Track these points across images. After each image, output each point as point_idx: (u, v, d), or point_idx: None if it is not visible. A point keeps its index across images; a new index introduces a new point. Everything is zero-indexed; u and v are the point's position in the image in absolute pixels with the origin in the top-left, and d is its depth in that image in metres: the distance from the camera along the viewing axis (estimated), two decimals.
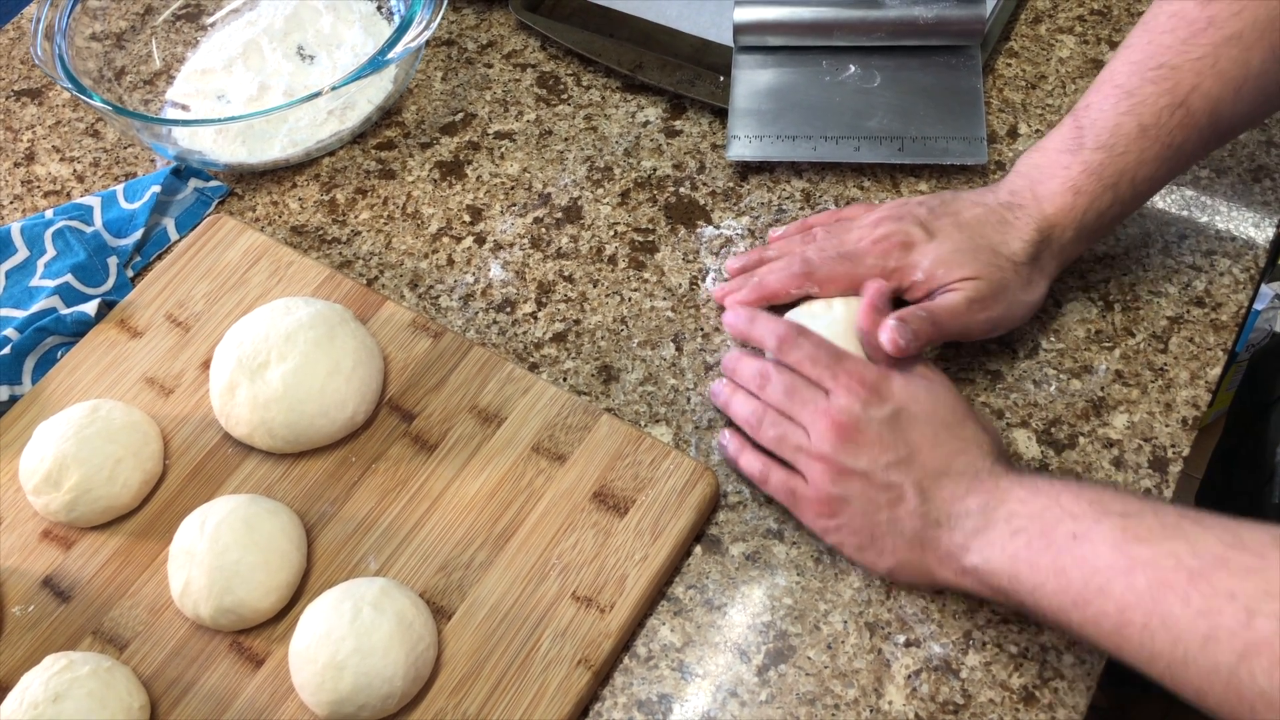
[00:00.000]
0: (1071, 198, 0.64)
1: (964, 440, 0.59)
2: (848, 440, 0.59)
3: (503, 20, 0.91)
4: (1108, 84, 0.65)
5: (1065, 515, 0.53)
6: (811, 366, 0.62)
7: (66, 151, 0.87)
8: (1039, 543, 0.53)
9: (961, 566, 0.56)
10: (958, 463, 0.58)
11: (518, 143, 0.83)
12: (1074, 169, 0.64)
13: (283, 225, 0.81)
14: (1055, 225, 0.65)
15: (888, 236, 0.66)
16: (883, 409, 0.60)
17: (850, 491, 0.59)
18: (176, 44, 0.91)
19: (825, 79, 0.81)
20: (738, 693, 0.60)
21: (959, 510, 0.57)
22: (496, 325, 0.74)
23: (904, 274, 0.65)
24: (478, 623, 0.61)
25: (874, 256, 0.66)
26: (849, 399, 0.60)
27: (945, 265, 0.64)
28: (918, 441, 0.59)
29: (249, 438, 0.67)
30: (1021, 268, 0.64)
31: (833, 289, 0.67)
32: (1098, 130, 0.64)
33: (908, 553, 0.58)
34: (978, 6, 0.79)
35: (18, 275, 0.79)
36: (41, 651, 0.62)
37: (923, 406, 0.60)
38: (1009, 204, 0.66)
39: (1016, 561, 0.54)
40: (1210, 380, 0.68)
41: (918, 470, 0.58)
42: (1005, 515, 0.55)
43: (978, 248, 0.64)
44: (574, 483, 0.65)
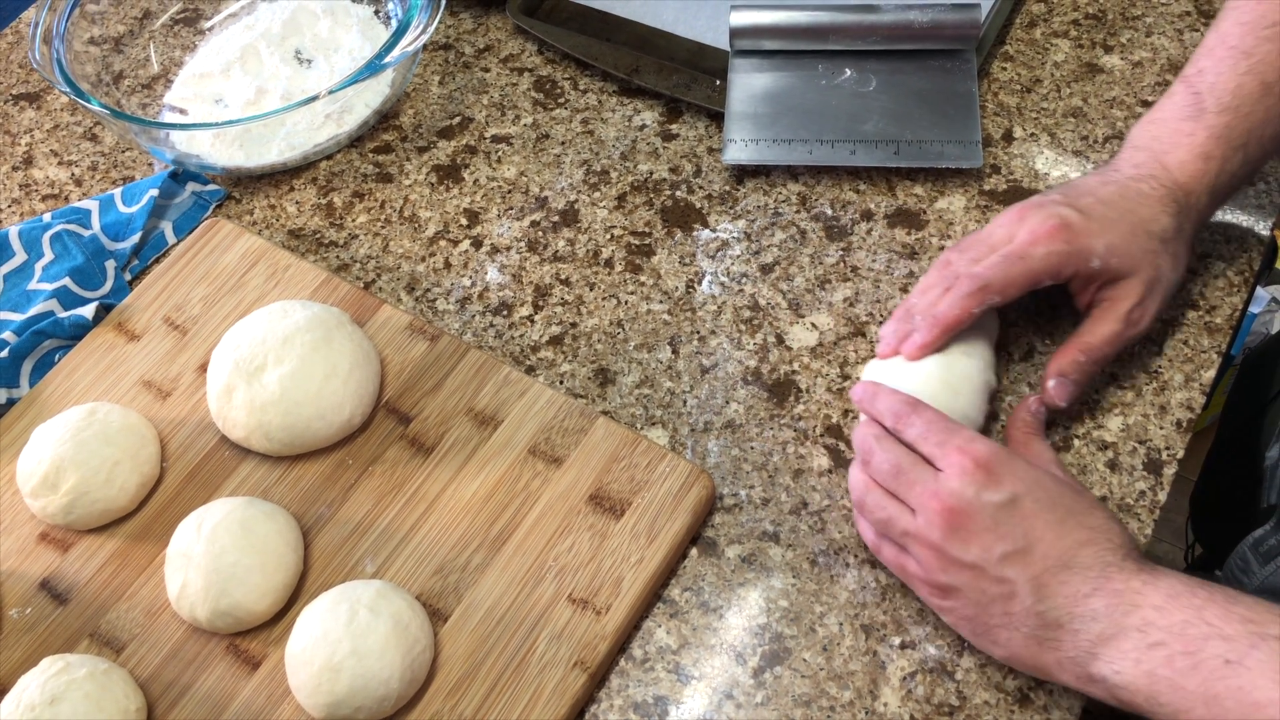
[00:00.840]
0: (1203, 164, 0.63)
1: (1091, 530, 0.54)
2: (957, 528, 0.54)
3: (500, 24, 0.91)
4: (1219, 47, 0.64)
5: (1214, 634, 0.49)
6: (923, 443, 0.57)
7: (64, 155, 0.87)
8: (1183, 662, 0.49)
9: (1087, 674, 0.52)
10: (1083, 555, 0.53)
11: (515, 146, 0.84)
12: (1199, 135, 0.63)
13: (280, 229, 0.81)
14: (1190, 193, 0.63)
15: (1044, 222, 0.62)
16: (999, 493, 0.54)
17: (960, 582, 0.55)
18: (174, 48, 0.91)
19: (821, 83, 0.81)
20: (733, 695, 0.60)
21: (1083, 611, 0.52)
22: (493, 328, 0.74)
23: (1082, 258, 0.61)
24: (474, 625, 0.61)
25: (1043, 244, 0.61)
26: (960, 481, 0.55)
27: (1117, 255, 0.61)
28: (1039, 530, 0.54)
29: (246, 440, 0.67)
30: (1170, 244, 0.62)
31: (1014, 292, 0.62)
32: (1218, 93, 0.62)
33: (1023, 649, 0.54)
34: (973, 11, 0.80)
35: (15, 279, 0.79)
36: (38, 654, 0.62)
37: (1046, 491, 0.55)
38: (1138, 176, 0.64)
39: (1155, 680, 0.49)
40: (1205, 383, 0.68)
41: (1036, 564, 0.53)
42: (1138, 624, 0.51)
43: (1134, 229, 0.62)
44: (570, 485, 0.65)
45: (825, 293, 0.74)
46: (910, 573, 0.58)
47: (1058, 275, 0.62)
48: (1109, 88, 0.81)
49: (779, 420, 0.69)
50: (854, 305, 0.73)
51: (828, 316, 0.73)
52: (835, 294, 0.74)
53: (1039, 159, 0.78)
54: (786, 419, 0.69)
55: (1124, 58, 0.83)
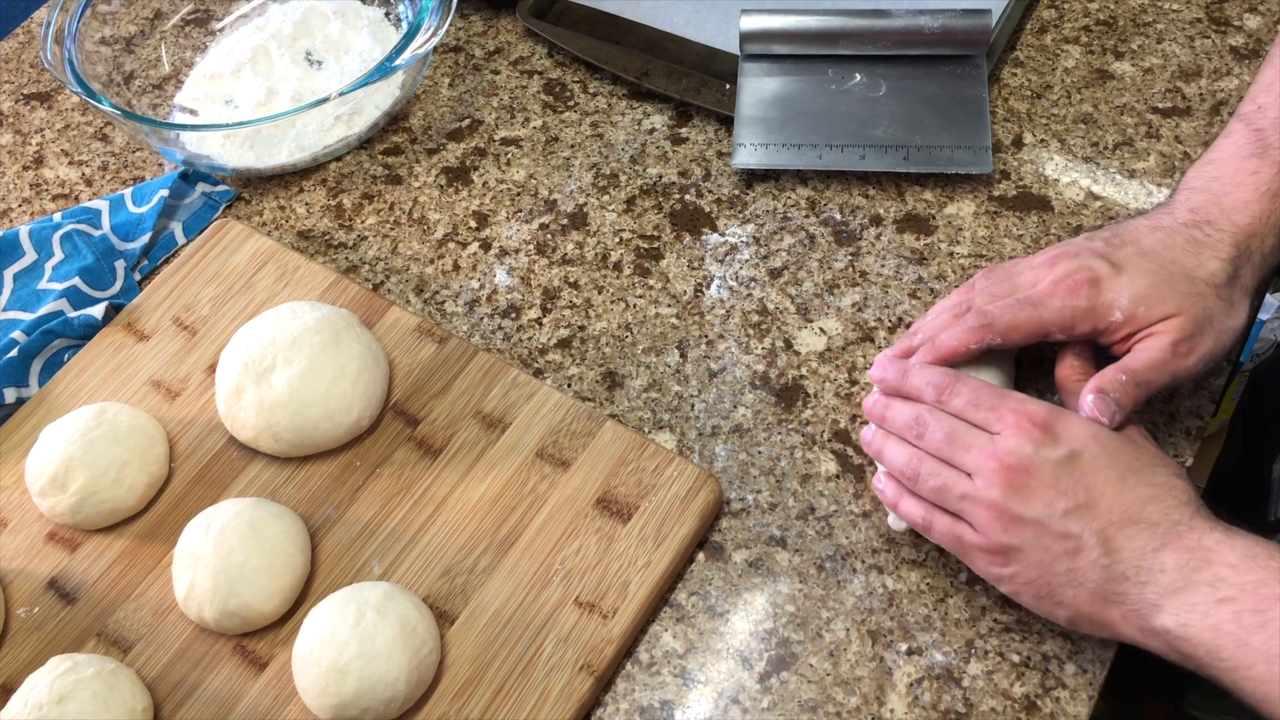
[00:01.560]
0: (1269, 203, 0.60)
1: (1156, 486, 0.54)
2: (1018, 485, 0.54)
3: (510, 27, 0.91)
4: (1278, 84, 0.62)
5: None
6: (975, 410, 0.57)
7: (75, 155, 0.88)
8: (1251, 619, 0.48)
9: (1150, 626, 0.52)
10: (1150, 511, 0.53)
11: (524, 149, 0.84)
12: (1264, 173, 0.60)
13: (289, 230, 0.81)
14: (1253, 236, 0.60)
15: (1070, 274, 0.60)
16: (1057, 449, 0.54)
17: (1022, 540, 0.54)
18: (185, 49, 0.91)
19: (831, 87, 0.81)
20: (740, 700, 0.60)
21: (1151, 565, 0.52)
22: (501, 331, 0.74)
23: (1099, 315, 0.59)
24: (481, 627, 0.61)
25: (1060, 298, 0.60)
26: (1018, 439, 0.55)
27: (1145, 303, 0.58)
28: (1100, 486, 0.53)
29: (254, 441, 0.67)
30: (1222, 290, 0.59)
31: (1016, 337, 0.61)
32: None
33: (1089, 605, 0.54)
34: (983, 17, 0.80)
35: (26, 278, 0.79)
36: (46, 653, 0.62)
37: (1106, 448, 0.55)
38: (1193, 223, 0.61)
39: (1219, 634, 0.49)
40: (1214, 390, 0.68)
41: (1101, 518, 0.53)
42: (1210, 579, 0.50)
43: (1173, 277, 0.59)
44: (577, 489, 0.65)
45: (834, 298, 0.74)
46: (968, 542, 0.57)
47: (1070, 330, 0.60)
48: (1120, 94, 0.81)
49: (787, 425, 0.69)
50: (862, 310, 0.73)
51: (836, 321, 0.73)
52: (844, 299, 0.73)
53: (1049, 165, 0.78)
54: (794, 424, 0.69)
55: (1135, 64, 0.83)
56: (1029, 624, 0.61)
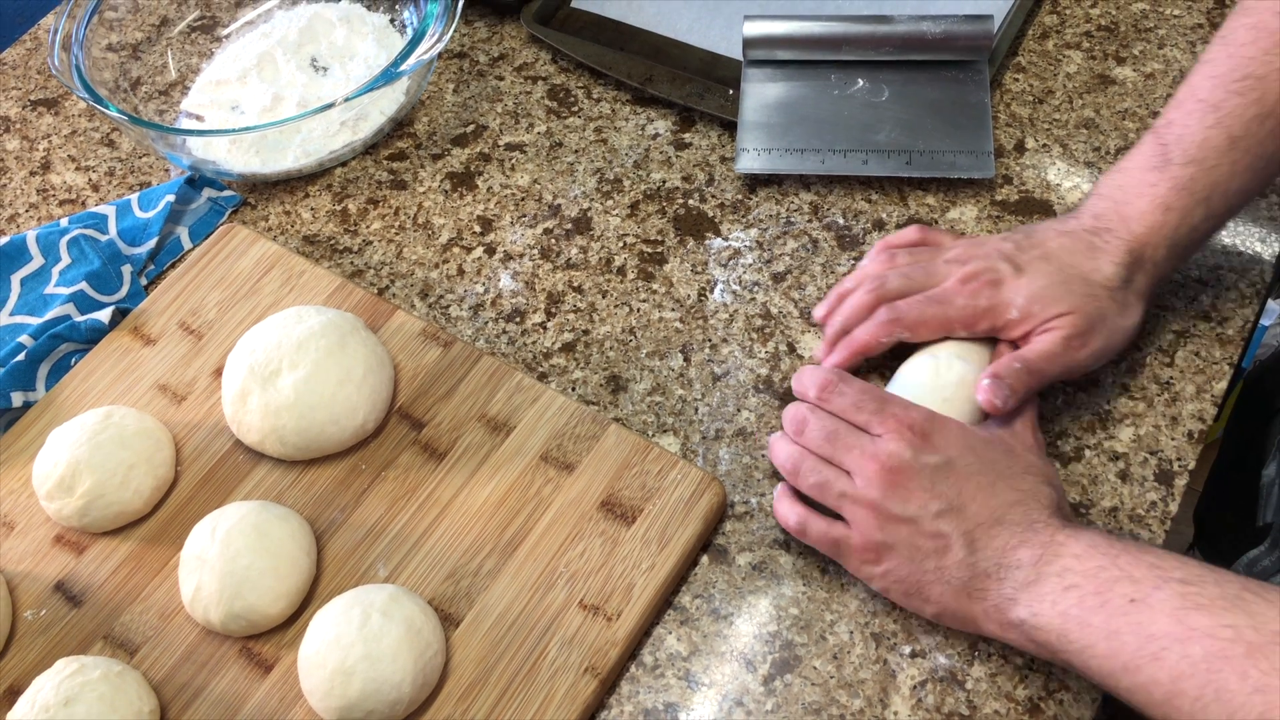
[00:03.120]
0: (1162, 215, 0.63)
1: (1021, 492, 0.57)
2: (896, 486, 0.57)
3: (514, 33, 0.92)
4: (1189, 100, 0.64)
5: (1123, 577, 0.52)
6: (856, 412, 0.60)
7: (82, 161, 0.88)
8: (1092, 601, 0.52)
9: (1008, 619, 0.55)
10: (1012, 514, 0.56)
11: (528, 154, 0.84)
12: (1162, 186, 0.63)
13: (295, 235, 0.82)
14: (1146, 244, 0.63)
15: (975, 275, 0.64)
16: (934, 455, 0.58)
17: (896, 538, 0.57)
18: (191, 55, 0.92)
19: (834, 93, 0.82)
20: (744, 702, 0.60)
21: (1009, 561, 0.55)
22: (506, 335, 0.75)
23: (997, 313, 0.64)
24: (485, 630, 0.61)
25: (964, 297, 0.64)
26: (898, 444, 0.58)
27: (1040, 301, 0.62)
28: (970, 491, 0.57)
29: (260, 445, 0.67)
30: (1116, 293, 0.63)
31: (924, 332, 0.65)
32: (1185, 145, 0.63)
33: (953, 601, 0.57)
34: (986, 22, 0.80)
35: (33, 282, 0.79)
36: (53, 656, 0.62)
37: (979, 456, 0.58)
38: (1094, 229, 0.64)
39: (1067, 619, 0.52)
40: (1216, 394, 0.68)
41: (969, 520, 0.56)
42: (1058, 570, 0.54)
43: (1069, 279, 0.63)
44: (582, 492, 0.65)
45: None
46: (841, 543, 0.60)
47: (972, 327, 0.64)
48: (1121, 99, 0.82)
49: None
50: None
51: None
52: None
53: (1051, 170, 0.78)
54: None
55: (1136, 69, 0.83)
56: None
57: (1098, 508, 0.64)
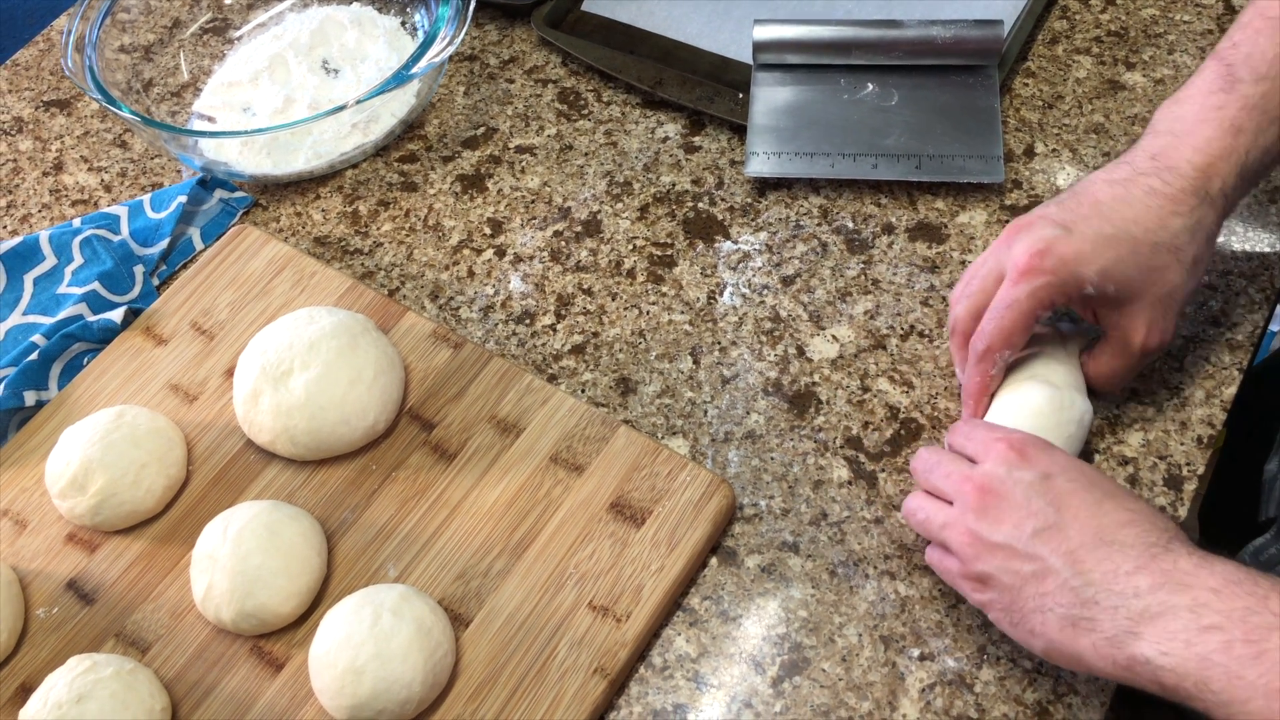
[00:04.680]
0: (1232, 139, 0.58)
1: (1133, 512, 0.51)
2: (989, 508, 0.53)
3: (525, 36, 0.92)
4: (1257, 19, 0.61)
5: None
6: (964, 443, 0.58)
7: (94, 161, 0.89)
8: (1243, 650, 0.45)
9: (1128, 655, 0.48)
10: (1124, 534, 0.50)
11: (538, 157, 0.84)
12: (1230, 108, 0.58)
13: (306, 236, 0.82)
14: (1214, 176, 0.58)
15: (1026, 251, 0.59)
16: (1030, 471, 0.53)
17: (994, 566, 0.53)
18: (204, 57, 0.92)
19: (843, 97, 0.82)
20: (752, 704, 0.60)
21: (1124, 588, 0.49)
22: (516, 337, 0.75)
23: (1070, 287, 0.59)
24: (495, 630, 0.62)
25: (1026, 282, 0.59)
26: (994, 464, 0.55)
27: (1114, 281, 0.58)
28: (1074, 507, 0.52)
29: (271, 445, 0.68)
30: (1183, 250, 0.58)
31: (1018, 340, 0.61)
32: (1254, 64, 0.59)
33: (1058, 633, 0.51)
34: (995, 27, 0.80)
35: (46, 282, 0.80)
36: (65, 653, 0.63)
37: (1083, 474, 0.53)
38: (1153, 170, 0.59)
39: (1209, 665, 0.46)
40: (1225, 400, 0.68)
41: (1071, 539, 0.51)
42: (1190, 604, 0.47)
43: (1135, 247, 0.58)
44: (591, 493, 0.65)
45: (846, 305, 0.74)
46: (950, 570, 0.57)
47: (1052, 305, 0.60)
48: (1131, 104, 0.82)
49: (799, 431, 0.69)
50: (875, 318, 0.73)
51: (848, 329, 0.73)
52: (856, 307, 0.74)
53: (1060, 174, 0.79)
54: (807, 430, 0.69)
55: (1146, 75, 0.83)
56: None
57: None
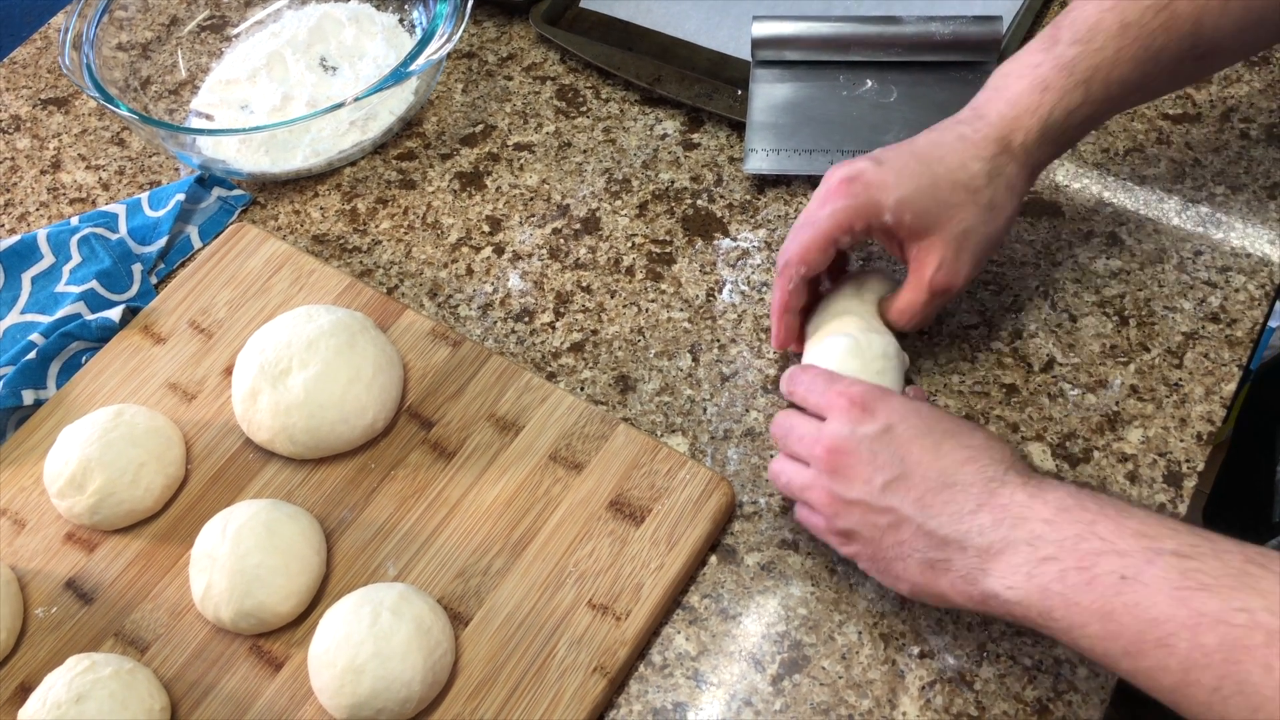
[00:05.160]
0: (1039, 95, 0.61)
1: (971, 449, 0.54)
2: (840, 467, 0.56)
3: (523, 33, 0.92)
4: None
5: (1108, 549, 0.48)
6: (809, 397, 0.60)
7: (92, 160, 0.89)
8: (1076, 578, 0.48)
9: (981, 591, 0.52)
10: (963, 473, 0.53)
11: (537, 154, 0.84)
12: (1044, 66, 0.61)
13: (304, 234, 0.82)
14: (1016, 128, 0.62)
15: (832, 177, 0.63)
16: (873, 425, 0.56)
17: (853, 522, 0.56)
18: (201, 54, 0.92)
19: (842, 93, 0.82)
20: (752, 702, 0.60)
21: (969, 527, 0.52)
22: (515, 335, 0.75)
23: (870, 212, 0.62)
24: (494, 629, 0.62)
25: (830, 204, 0.62)
26: (838, 422, 0.57)
27: (911, 210, 0.61)
28: (916, 455, 0.54)
29: (270, 443, 0.68)
30: (980, 192, 0.61)
31: (815, 258, 0.63)
32: (1076, 27, 0.62)
33: (920, 576, 0.54)
34: (994, 23, 0.80)
35: (43, 281, 0.80)
36: (64, 653, 0.63)
37: (923, 418, 0.56)
38: (967, 118, 0.63)
39: (1048, 595, 0.49)
40: (1225, 396, 0.68)
41: (917, 487, 0.54)
42: (1027, 537, 0.50)
43: (935, 182, 0.61)
44: (591, 491, 0.65)
45: None
46: (818, 528, 0.59)
47: (850, 231, 0.62)
48: None
49: None
50: None
51: None
52: None
53: (1059, 171, 0.78)
54: None
55: None
56: None
57: None
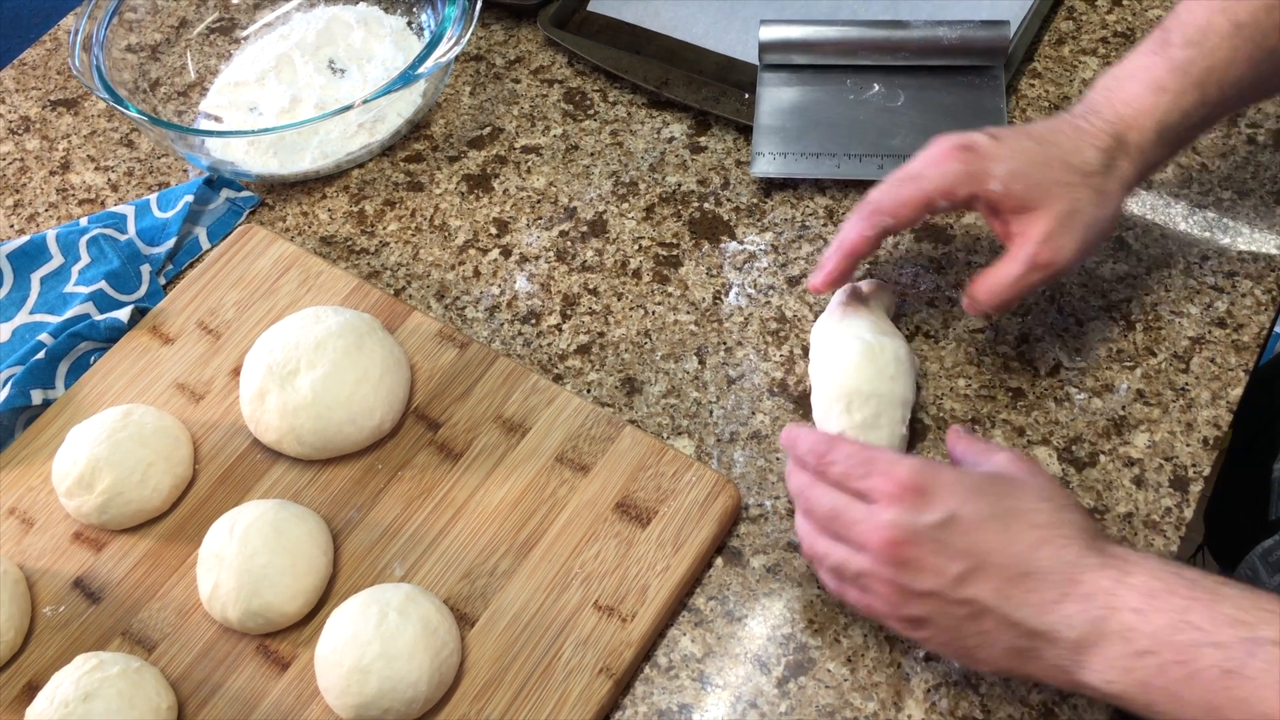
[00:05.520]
0: (1154, 96, 0.61)
1: (1041, 528, 0.52)
2: (905, 559, 0.52)
3: (531, 36, 0.92)
4: None
5: (1205, 641, 0.47)
6: (849, 481, 0.55)
7: (101, 161, 0.89)
8: (1177, 672, 0.47)
9: (1077, 681, 0.50)
10: (1040, 557, 0.51)
11: (544, 157, 0.84)
12: (1158, 68, 0.61)
13: (312, 235, 0.82)
14: (1132, 126, 0.61)
15: (946, 142, 0.62)
16: (934, 513, 0.52)
17: (926, 611, 0.53)
18: (210, 56, 0.92)
19: (849, 97, 0.82)
20: (757, 704, 0.60)
21: (1056, 619, 0.50)
22: (521, 336, 0.75)
23: (977, 180, 0.60)
24: (501, 630, 0.62)
25: (937, 165, 0.61)
26: (893, 511, 0.52)
27: (1020, 180, 0.60)
28: (987, 542, 0.51)
29: (278, 444, 0.68)
30: (1093, 178, 0.61)
31: (906, 214, 0.62)
32: (1186, 29, 0.61)
33: (1008, 663, 0.52)
34: (1001, 28, 0.80)
35: (52, 281, 0.80)
36: (71, 651, 0.63)
37: (983, 496, 0.53)
38: (1081, 112, 0.63)
39: (1150, 690, 0.48)
40: (1232, 401, 0.68)
41: (995, 576, 0.51)
42: (1120, 629, 0.49)
43: (1048, 160, 0.60)
44: (597, 493, 0.65)
45: None
46: (879, 613, 0.56)
47: (952, 195, 0.61)
48: None
49: None
50: None
51: None
52: None
53: None
54: None
55: None
56: None
57: (1112, 513, 0.65)
